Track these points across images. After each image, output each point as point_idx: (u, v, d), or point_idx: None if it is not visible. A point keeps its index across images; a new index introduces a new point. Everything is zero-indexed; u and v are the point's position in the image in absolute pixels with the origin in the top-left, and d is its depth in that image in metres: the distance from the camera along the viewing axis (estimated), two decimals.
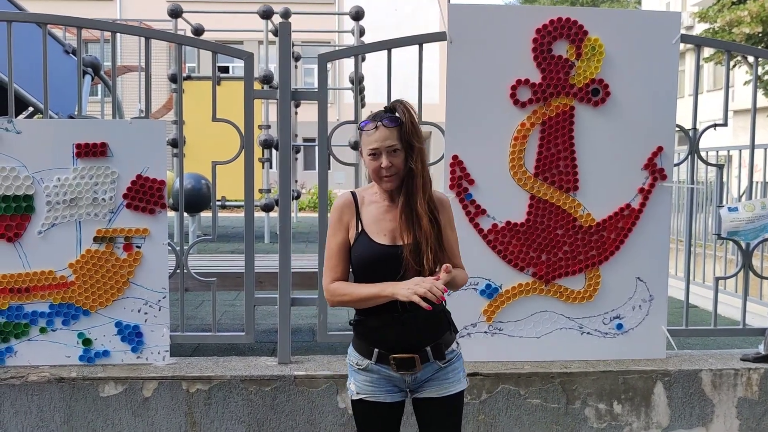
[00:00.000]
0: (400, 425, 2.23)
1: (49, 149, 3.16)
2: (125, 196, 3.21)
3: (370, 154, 2.08)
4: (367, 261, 2.13)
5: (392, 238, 2.11)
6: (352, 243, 2.16)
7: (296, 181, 11.80)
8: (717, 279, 3.78)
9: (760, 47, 14.45)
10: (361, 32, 9.95)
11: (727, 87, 3.64)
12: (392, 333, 2.08)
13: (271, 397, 3.16)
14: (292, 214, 13.47)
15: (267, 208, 8.93)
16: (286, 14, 8.93)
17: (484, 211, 3.30)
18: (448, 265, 1.99)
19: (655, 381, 3.31)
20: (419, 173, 2.07)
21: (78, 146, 3.16)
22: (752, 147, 3.74)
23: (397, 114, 2.08)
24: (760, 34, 14.61)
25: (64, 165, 3.17)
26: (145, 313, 3.25)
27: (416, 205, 2.07)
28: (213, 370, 3.21)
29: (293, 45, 10.79)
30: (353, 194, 2.22)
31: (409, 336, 2.08)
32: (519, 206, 3.30)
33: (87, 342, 3.23)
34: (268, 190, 9.54)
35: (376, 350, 2.11)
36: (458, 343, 2.21)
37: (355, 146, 8.79)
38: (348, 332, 3.70)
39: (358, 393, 2.17)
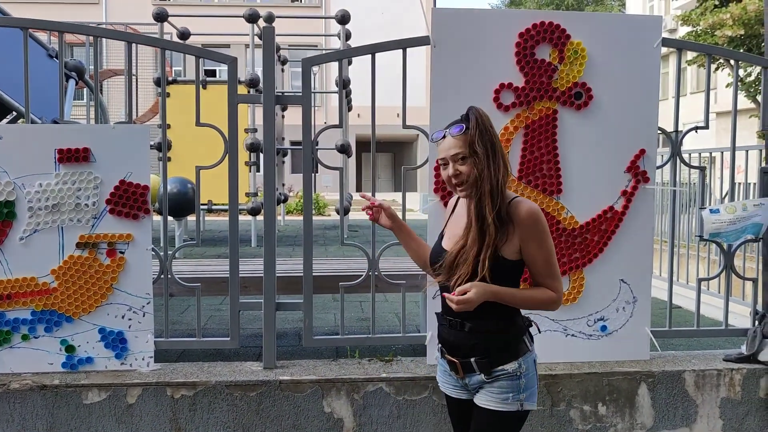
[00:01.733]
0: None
1: (30, 154, 3.14)
2: (108, 202, 3.19)
3: (441, 164, 2.13)
4: (429, 259, 2.26)
5: (453, 243, 2.13)
6: None
7: (283, 185, 11.77)
8: (699, 280, 3.81)
9: (742, 50, 14.62)
10: (347, 36, 9.96)
11: (708, 90, 3.67)
12: (444, 333, 2.19)
13: (257, 402, 3.16)
14: (279, 218, 13.46)
15: (254, 211, 8.92)
16: (269, 18, 8.92)
17: None
18: (462, 288, 1.97)
19: (639, 382, 3.33)
20: (484, 181, 2.02)
21: (60, 151, 3.14)
22: (733, 149, 3.77)
23: (464, 121, 2.07)
24: (742, 37, 14.77)
25: (46, 170, 3.15)
26: (129, 319, 3.24)
27: (480, 217, 2.03)
28: (198, 376, 3.19)
29: (279, 48, 10.79)
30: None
31: (456, 341, 2.14)
32: None
33: (70, 349, 3.20)
34: (255, 194, 9.52)
35: (439, 345, 2.24)
36: (520, 365, 2.09)
37: (342, 149, 8.82)
38: (333, 337, 3.70)
39: (438, 380, 2.33)
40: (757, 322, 3.61)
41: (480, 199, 2.03)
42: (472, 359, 2.10)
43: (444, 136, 2.10)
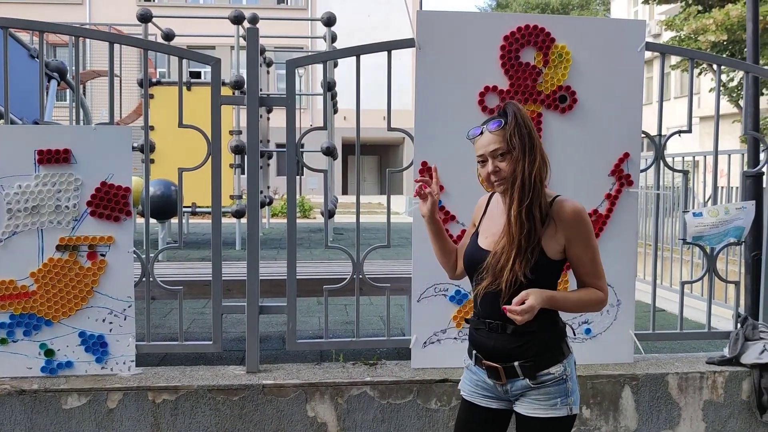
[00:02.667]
0: None
1: (10, 156, 3.09)
2: (89, 204, 3.15)
3: (479, 162, 2.05)
4: (465, 259, 2.16)
5: (492, 242, 2.05)
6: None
7: (268, 187, 11.72)
8: (683, 283, 3.83)
9: (725, 55, 14.77)
10: (333, 38, 9.96)
11: (691, 94, 3.69)
12: (483, 338, 2.07)
13: (239, 406, 3.12)
14: (264, 220, 13.39)
15: (238, 214, 8.86)
16: (253, 20, 8.90)
17: (453, 217, 3.31)
18: (520, 297, 1.89)
19: (622, 385, 3.34)
20: (518, 178, 1.96)
21: (40, 152, 3.10)
22: (716, 153, 3.80)
23: (502, 116, 2.00)
24: (725, 42, 14.92)
25: (25, 172, 3.10)
26: (110, 323, 3.19)
27: (510, 212, 1.97)
28: (180, 380, 3.16)
29: (265, 50, 10.75)
30: (493, 192, 2.21)
31: (496, 345, 2.03)
32: None
33: (49, 353, 3.15)
34: (240, 196, 9.47)
35: (474, 352, 2.12)
36: (565, 368, 2.02)
37: (327, 152, 8.78)
38: (317, 340, 3.68)
39: (460, 388, 2.21)
40: (739, 325, 3.63)
41: (510, 194, 1.97)
42: (516, 363, 2.00)
43: (481, 132, 2.03)
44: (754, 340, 3.49)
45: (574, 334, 2.23)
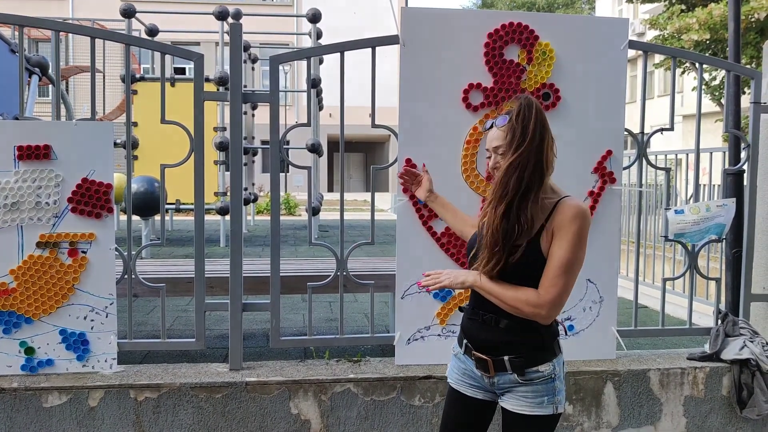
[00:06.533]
0: (486, 427, 2.17)
1: None
2: (70, 200, 3.12)
3: (487, 157, 2.07)
4: (468, 244, 2.26)
5: None
6: None
7: (253, 184, 11.67)
8: (665, 280, 3.86)
9: (707, 54, 14.91)
10: (319, 35, 9.93)
11: (674, 92, 3.72)
12: (475, 329, 2.09)
13: (222, 404, 3.11)
14: (249, 218, 13.34)
15: (223, 211, 8.83)
16: (237, 15, 8.86)
17: (437, 215, 3.31)
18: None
19: (605, 381, 3.36)
20: (501, 174, 1.95)
21: (20, 148, 3.06)
22: (697, 151, 3.83)
23: (509, 114, 1.97)
24: (708, 41, 15.04)
25: (4, 168, 3.06)
26: (92, 320, 3.16)
27: (492, 205, 1.97)
28: (162, 378, 3.13)
29: (249, 47, 10.69)
30: None
31: (488, 337, 2.05)
32: (472, 209, 3.30)
33: (29, 351, 3.12)
34: (224, 193, 9.42)
35: (465, 341, 2.13)
36: (554, 367, 2.02)
37: (312, 149, 8.76)
38: (300, 337, 3.67)
39: (447, 376, 2.25)
40: (719, 321, 3.67)
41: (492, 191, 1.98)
42: (506, 357, 2.01)
43: (491, 126, 2.04)
44: (734, 336, 3.53)
45: (566, 333, 2.23)
